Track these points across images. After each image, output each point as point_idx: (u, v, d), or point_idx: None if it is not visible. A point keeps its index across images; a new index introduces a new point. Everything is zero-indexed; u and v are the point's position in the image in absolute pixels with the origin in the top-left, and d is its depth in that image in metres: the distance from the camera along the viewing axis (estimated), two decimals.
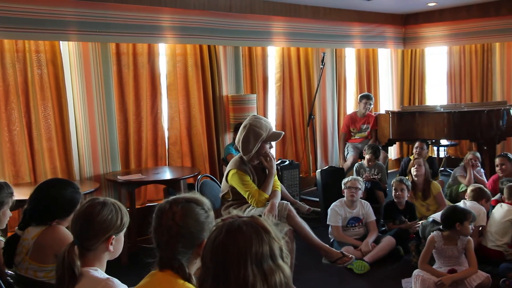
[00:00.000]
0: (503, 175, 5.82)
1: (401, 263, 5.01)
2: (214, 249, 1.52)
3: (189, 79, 6.49)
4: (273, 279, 1.48)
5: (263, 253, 1.49)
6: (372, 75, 9.12)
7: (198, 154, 6.58)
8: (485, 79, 8.92)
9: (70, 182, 3.05)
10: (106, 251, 2.25)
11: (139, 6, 5.84)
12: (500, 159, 5.95)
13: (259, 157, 4.42)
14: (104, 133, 5.74)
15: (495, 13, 8.45)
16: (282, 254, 1.55)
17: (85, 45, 5.54)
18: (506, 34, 8.46)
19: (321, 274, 4.82)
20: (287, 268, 1.54)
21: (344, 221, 5.33)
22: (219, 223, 1.57)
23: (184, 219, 1.97)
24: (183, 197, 2.05)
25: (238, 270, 1.46)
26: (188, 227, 1.96)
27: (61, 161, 5.48)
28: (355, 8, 8.24)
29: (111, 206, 2.26)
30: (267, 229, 1.53)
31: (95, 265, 2.22)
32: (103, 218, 2.21)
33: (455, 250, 4.29)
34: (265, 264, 1.48)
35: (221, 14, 6.62)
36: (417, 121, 7.13)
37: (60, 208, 2.80)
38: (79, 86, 5.53)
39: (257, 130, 4.29)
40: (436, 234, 4.33)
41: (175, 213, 1.97)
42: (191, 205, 2.02)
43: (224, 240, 1.51)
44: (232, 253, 1.48)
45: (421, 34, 9.44)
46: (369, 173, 6.63)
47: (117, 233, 2.27)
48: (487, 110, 6.83)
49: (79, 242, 2.19)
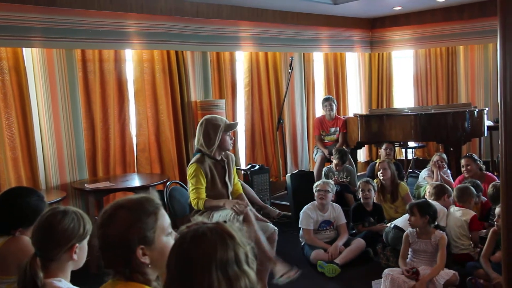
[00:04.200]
0: (468, 176, 5.92)
1: (371, 265, 5.04)
2: (179, 256, 1.51)
3: (156, 85, 6.45)
4: (239, 284, 1.47)
5: (228, 259, 1.48)
6: (340, 78, 9.20)
7: (167, 161, 6.54)
8: (450, 81, 9.09)
9: (34, 190, 2.99)
10: (70, 260, 2.21)
11: (105, 12, 5.78)
12: (466, 160, 6.05)
13: (222, 151, 4.49)
14: (71, 140, 5.66)
15: (458, 17, 8.63)
16: (248, 260, 1.54)
17: (49, 51, 5.46)
18: (469, 38, 8.65)
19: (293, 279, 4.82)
20: (252, 273, 1.53)
21: (316, 225, 5.34)
22: (184, 230, 1.56)
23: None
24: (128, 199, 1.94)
25: (202, 277, 1.45)
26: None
27: (26, 170, 5.36)
28: (323, 12, 8.29)
29: (73, 214, 2.23)
30: (232, 235, 1.53)
31: (58, 276, 2.18)
32: (64, 227, 2.18)
33: (429, 245, 4.44)
34: (230, 270, 1.48)
35: (188, 20, 6.59)
36: (385, 123, 7.19)
37: (24, 217, 2.73)
38: (43, 93, 5.44)
39: (214, 122, 4.41)
40: (410, 231, 4.56)
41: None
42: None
43: (189, 247, 1.50)
44: (197, 259, 1.47)
45: (387, 38, 9.57)
46: (337, 177, 6.67)
47: (80, 241, 2.23)
48: (453, 112, 6.94)
49: (40, 253, 2.14)
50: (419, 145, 8.99)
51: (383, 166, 5.97)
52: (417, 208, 4.49)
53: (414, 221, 4.49)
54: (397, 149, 9.02)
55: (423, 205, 4.55)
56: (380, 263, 4.93)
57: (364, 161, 9.44)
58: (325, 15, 8.48)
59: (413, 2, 8.15)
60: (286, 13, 7.86)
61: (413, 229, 4.56)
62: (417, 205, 4.53)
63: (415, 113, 7.09)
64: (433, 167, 6.43)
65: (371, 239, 5.25)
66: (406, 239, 4.57)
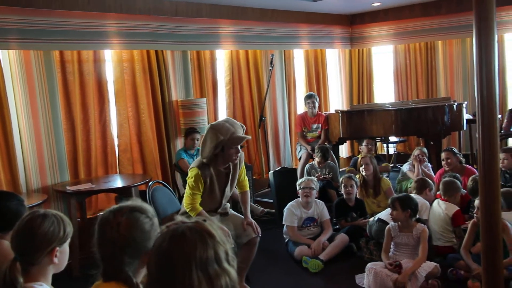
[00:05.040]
0: (449, 169, 5.98)
1: (355, 259, 5.09)
2: (159, 256, 1.51)
3: (137, 85, 6.43)
4: (219, 283, 1.48)
5: (208, 257, 1.48)
6: (321, 75, 9.23)
7: (149, 161, 6.52)
8: (430, 76, 9.16)
9: (14, 194, 2.97)
10: (51, 264, 2.19)
11: (83, 13, 5.74)
12: (446, 153, 6.11)
13: (226, 163, 4.25)
14: (51, 143, 5.61)
15: (435, 12, 8.70)
16: (228, 258, 1.54)
17: (26, 53, 5.40)
18: (447, 33, 8.74)
19: (278, 275, 4.86)
20: (233, 271, 1.54)
21: (300, 221, 5.37)
22: (164, 230, 1.56)
23: (130, 230, 1.91)
24: (127, 206, 1.98)
25: (183, 276, 1.45)
26: (134, 238, 1.91)
27: (5, 173, 5.30)
28: (302, 9, 8.31)
29: (53, 217, 2.20)
30: (211, 234, 1.53)
31: (40, 280, 2.16)
32: (44, 231, 2.15)
33: (410, 238, 4.50)
34: (211, 269, 1.48)
35: (167, 19, 6.57)
36: (366, 119, 7.22)
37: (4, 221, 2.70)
38: (22, 95, 5.38)
39: (216, 133, 4.07)
40: (392, 225, 4.62)
41: (120, 224, 1.91)
42: (136, 214, 1.96)
43: (168, 247, 1.50)
44: (177, 259, 1.48)
45: (367, 34, 9.62)
46: (320, 174, 6.69)
47: (61, 244, 2.21)
48: (433, 106, 7.01)
49: (20, 258, 2.12)
50: (400, 139, 9.06)
51: (365, 161, 6.01)
52: (398, 202, 4.54)
53: (396, 215, 4.54)
54: (379, 144, 9.08)
55: (405, 199, 4.60)
56: (363, 258, 4.98)
57: (346, 156, 9.48)
58: (305, 12, 8.50)
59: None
60: (266, 10, 7.87)
61: (395, 223, 4.61)
62: (398, 199, 4.58)
63: (396, 108, 7.15)
64: (414, 161, 6.49)
65: (354, 234, 5.30)
66: (388, 233, 4.63)
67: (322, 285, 4.63)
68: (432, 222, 4.97)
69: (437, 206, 5.04)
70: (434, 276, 4.33)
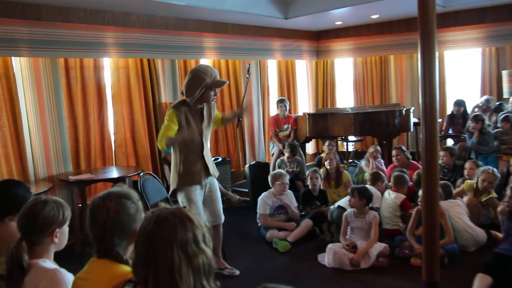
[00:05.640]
0: (398, 164, 6.08)
1: (317, 241, 5.11)
2: (145, 237, 1.52)
3: (131, 89, 6.39)
4: (197, 261, 1.49)
5: (187, 239, 1.50)
6: (291, 82, 9.26)
7: (141, 155, 6.48)
8: (383, 85, 9.26)
9: (22, 182, 2.95)
10: (52, 243, 2.20)
11: (85, 25, 5.69)
12: (396, 151, 6.21)
13: (202, 102, 3.99)
14: (56, 138, 5.55)
15: (388, 31, 8.82)
16: (205, 239, 1.56)
17: (35, 60, 5.34)
18: (398, 49, 8.86)
19: (251, 254, 4.87)
20: (209, 250, 1.55)
21: (271, 209, 5.36)
22: (149, 214, 1.57)
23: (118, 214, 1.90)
24: (114, 192, 1.96)
25: (165, 255, 1.47)
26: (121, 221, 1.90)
27: (16, 164, 5.25)
28: (276, 25, 8.34)
29: (53, 203, 2.20)
30: (190, 218, 1.54)
31: (43, 257, 2.17)
32: (46, 215, 2.16)
33: (364, 223, 4.60)
34: (189, 248, 1.49)
35: (158, 32, 6.54)
36: (329, 121, 7.23)
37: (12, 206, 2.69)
38: (31, 97, 5.33)
39: (201, 75, 3.85)
40: (348, 211, 4.71)
41: (109, 210, 1.90)
42: (122, 200, 1.94)
43: (153, 229, 1.51)
44: (160, 240, 1.49)
45: (331, 48, 9.67)
46: (289, 167, 6.75)
47: (60, 226, 2.22)
48: (385, 111, 7.07)
49: (25, 238, 2.13)
50: (357, 139, 9.12)
51: (330, 157, 6.09)
52: (357, 191, 4.62)
53: (354, 202, 4.61)
54: (340, 143, 9.16)
55: (362, 189, 4.68)
56: (325, 240, 5.01)
57: (312, 153, 9.54)
58: (278, 28, 8.53)
59: (352, 18, 8.28)
60: (244, 26, 7.88)
61: (351, 210, 4.68)
62: (357, 189, 4.66)
63: (354, 112, 7.18)
64: (369, 157, 6.57)
65: (317, 219, 5.32)
66: (345, 219, 4.69)
67: (290, 262, 4.65)
68: (383, 209, 5.04)
69: (388, 196, 5.12)
70: (384, 254, 4.42)
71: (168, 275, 1.46)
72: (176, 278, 1.45)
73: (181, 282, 1.45)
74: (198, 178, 4.07)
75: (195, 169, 4.06)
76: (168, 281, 1.46)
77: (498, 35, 7.89)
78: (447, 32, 8.11)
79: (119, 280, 1.64)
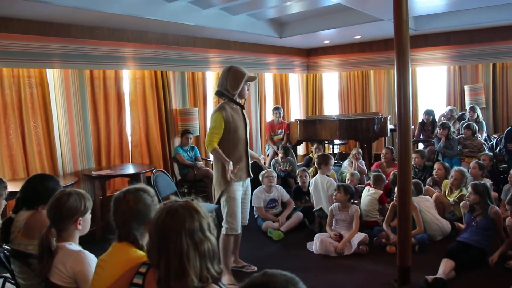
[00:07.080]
0: (385, 161, 6.12)
1: (307, 231, 5.11)
2: (158, 226, 1.52)
3: (146, 97, 6.38)
4: (203, 247, 1.50)
5: (195, 228, 1.50)
6: (285, 93, 9.25)
7: (154, 154, 6.48)
8: (364, 96, 9.27)
9: (52, 176, 2.95)
10: (76, 229, 2.22)
11: (108, 42, 5.70)
12: (386, 149, 6.24)
13: (241, 97, 3.70)
14: (81, 138, 5.57)
15: (369, 49, 8.84)
16: (210, 228, 1.56)
17: (66, 71, 5.37)
18: (377, 65, 8.89)
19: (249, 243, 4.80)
20: (213, 238, 1.56)
21: (265, 203, 5.32)
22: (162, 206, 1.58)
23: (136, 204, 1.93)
24: (134, 187, 2.00)
25: (175, 242, 1.47)
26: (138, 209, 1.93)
27: (48, 161, 5.27)
28: (272, 43, 8.34)
29: (76, 195, 2.22)
30: (197, 210, 1.55)
31: (69, 241, 2.19)
32: (70, 206, 2.17)
33: (347, 216, 4.59)
34: (196, 236, 1.50)
35: (171, 47, 6.54)
36: (318, 126, 7.21)
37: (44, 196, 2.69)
38: (61, 103, 5.36)
39: (240, 71, 3.61)
40: (333, 206, 4.71)
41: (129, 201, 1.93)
42: (140, 193, 1.97)
43: (165, 219, 1.51)
44: (171, 229, 1.49)
45: (319, 63, 9.67)
46: (282, 166, 6.74)
47: (83, 215, 2.23)
48: (366, 118, 7.06)
49: (53, 225, 2.16)
50: (342, 142, 9.11)
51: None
52: (343, 188, 4.61)
53: (339, 197, 4.61)
54: (326, 145, 9.15)
55: (347, 186, 4.68)
56: (313, 230, 5.01)
57: (302, 154, 9.53)
58: (274, 45, 8.53)
59: (338, 38, 8.30)
60: (245, 43, 7.88)
61: (336, 204, 4.68)
62: (343, 186, 4.66)
63: (339, 119, 7.17)
64: (352, 158, 6.54)
65: (306, 212, 5.32)
66: (331, 212, 4.69)
67: (282, 249, 4.64)
68: (363, 203, 5.04)
69: (367, 192, 5.13)
70: (364, 243, 4.43)
71: (177, 259, 1.46)
72: (185, 262, 1.46)
73: (189, 265, 1.46)
74: (242, 174, 3.77)
75: (241, 165, 3.72)
76: (177, 264, 1.46)
77: (461, 55, 8.01)
78: (419, 51, 8.15)
79: (135, 263, 1.65)
